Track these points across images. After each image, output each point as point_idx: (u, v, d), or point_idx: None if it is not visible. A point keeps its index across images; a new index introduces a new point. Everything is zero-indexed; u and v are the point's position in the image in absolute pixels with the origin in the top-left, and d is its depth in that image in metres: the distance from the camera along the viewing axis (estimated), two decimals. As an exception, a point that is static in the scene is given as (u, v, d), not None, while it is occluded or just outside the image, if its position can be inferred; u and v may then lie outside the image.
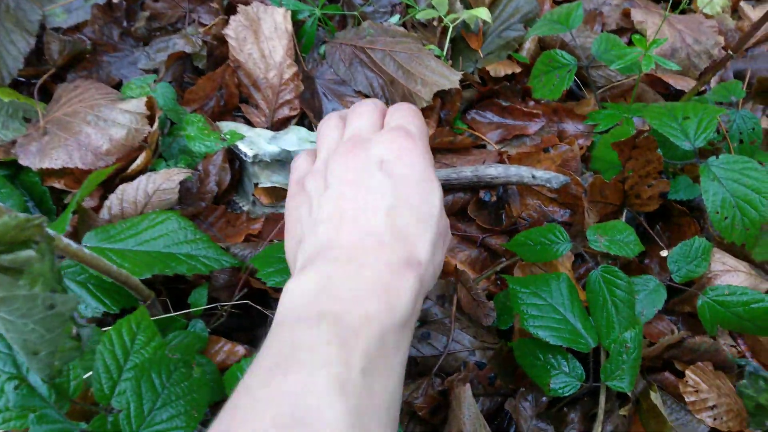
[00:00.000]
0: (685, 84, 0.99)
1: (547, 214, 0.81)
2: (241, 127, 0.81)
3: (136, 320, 0.58)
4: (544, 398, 0.68)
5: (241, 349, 0.70)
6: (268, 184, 0.78)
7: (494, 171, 0.78)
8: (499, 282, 0.78)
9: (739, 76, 1.04)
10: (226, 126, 0.81)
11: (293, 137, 0.79)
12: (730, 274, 0.74)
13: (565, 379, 0.64)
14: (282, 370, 0.38)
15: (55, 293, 0.36)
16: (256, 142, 0.78)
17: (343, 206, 0.50)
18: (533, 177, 0.77)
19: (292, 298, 0.44)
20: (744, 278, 0.74)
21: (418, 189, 0.51)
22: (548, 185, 0.76)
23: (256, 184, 0.79)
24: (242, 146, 0.77)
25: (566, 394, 0.64)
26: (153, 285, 0.68)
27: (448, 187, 0.82)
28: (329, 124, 0.60)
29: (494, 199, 0.82)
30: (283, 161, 0.79)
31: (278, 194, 0.80)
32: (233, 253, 0.74)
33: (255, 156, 0.76)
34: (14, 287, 0.35)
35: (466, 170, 0.79)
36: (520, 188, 0.82)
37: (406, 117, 0.56)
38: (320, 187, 0.53)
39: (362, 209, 0.49)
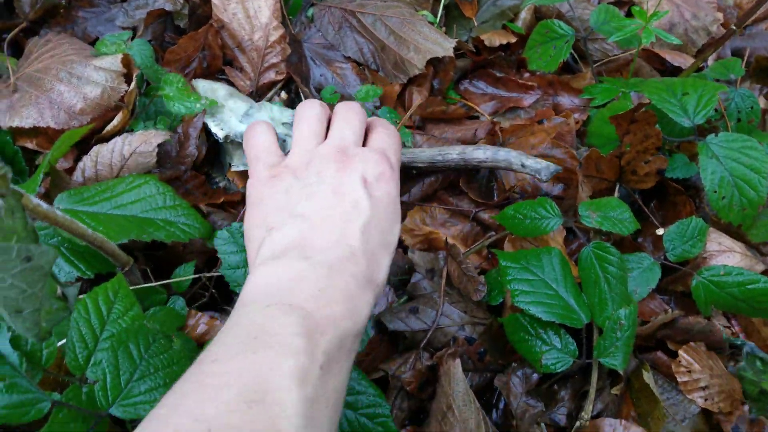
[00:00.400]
0: (682, 60, 0.97)
1: (540, 187, 0.78)
2: (220, 89, 0.77)
3: (113, 288, 0.55)
4: (534, 375, 0.66)
5: (219, 323, 0.67)
6: (241, 168, 0.74)
7: (482, 155, 0.74)
8: (490, 257, 0.75)
9: (736, 54, 1.03)
10: (203, 86, 0.76)
11: (265, 116, 0.75)
12: (725, 255, 0.73)
13: (557, 355, 0.63)
14: (252, 349, 0.40)
15: (31, 245, 0.33)
16: (227, 121, 0.73)
17: (325, 209, 0.53)
18: (522, 165, 0.73)
19: (264, 283, 0.46)
20: (739, 259, 0.73)
21: (388, 215, 0.55)
22: (537, 176, 0.72)
23: (230, 165, 0.75)
24: (213, 127, 0.72)
25: (558, 371, 0.62)
26: (131, 251, 0.65)
27: (432, 170, 0.78)
28: (311, 118, 0.61)
29: (484, 172, 0.79)
30: None
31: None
32: (213, 221, 0.70)
33: (226, 137, 0.72)
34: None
35: (452, 153, 0.75)
36: None
37: (388, 141, 0.60)
38: (300, 184, 0.55)
39: (342, 218, 0.52)
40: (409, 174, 0.79)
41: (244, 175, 0.75)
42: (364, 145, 0.61)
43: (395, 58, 0.85)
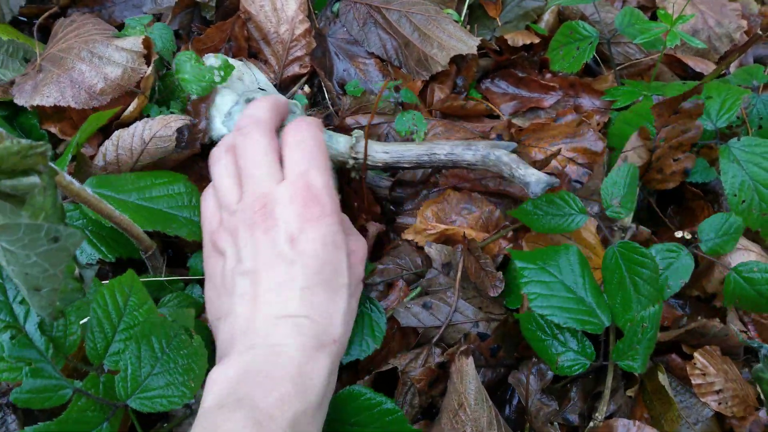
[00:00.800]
0: (704, 67, 0.97)
1: (563, 173, 0.77)
2: (235, 62, 0.76)
3: (127, 282, 0.55)
4: (549, 372, 0.66)
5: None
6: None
7: (471, 157, 0.69)
8: (511, 245, 0.74)
9: (759, 62, 1.02)
10: (212, 59, 0.75)
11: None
12: (740, 253, 0.73)
13: (573, 357, 0.62)
14: None
15: (60, 226, 0.34)
16: (212, 118, 0.72)
17: (258, 288, 0.52)
18: (511, 175, 0.67)
19: (215, 387, 0.47)
20: (755, 258, 0.73)
21: (328, 262, 0.53)
22: (526, 189, 0.66)
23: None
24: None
25: (574, 373, 0.62)
26: (151, 237, 0.66)
27: (417, 169, 0.76)
28: (221, 170, 0.59)
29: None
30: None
31: None
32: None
33: (210, 139, 0.71)
34: (16, 215, 0.32)
35: (440, 153, 0.70)
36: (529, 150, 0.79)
37: (303, 155, 0.57)
38: (233, 258, 0.55)
39: (276, 291, 0.51)
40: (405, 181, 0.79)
41: None
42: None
43: (419, 54, 0.86)
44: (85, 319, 0.54)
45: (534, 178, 0.65)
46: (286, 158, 0.57)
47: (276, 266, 0.52)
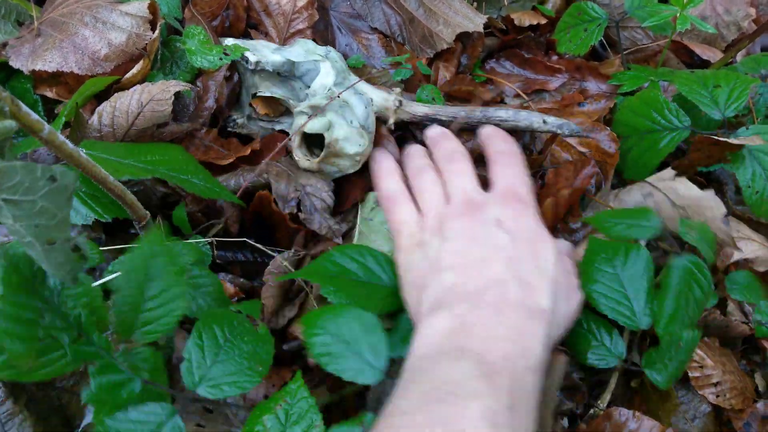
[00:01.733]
0: (711, 54, 0.95)
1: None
2: (246, 42, 0.75)
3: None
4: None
5: (231, 288, 0.65)
6: (268, 94, 0.72)
7: (504, 114, 0.73)
8: None
9: (766, 51, 1.01)
10: (230, 41, 0.75)
11: (300, 49, 0.74)
12: (743, 242, 0.72)
13: (604, 353, 0.61)
14: (435, 399, 0.41)
15: (53, 165, 0.33)
16: (259, 50, 0.72)
17: (466, 256, 0.54)
18: (544, 122, 0.72)
19: (430, 335, 0.47)
20: (756, 247, 0.72)
21: (533, 245, 0.55)
22: (558, 131, 0.72)
23: (254, 95, 0.73)
24: (245, 53, 0.72)
25: (600, 368, 0.61)
26: (149, 207, 0.64)
27: (451, 125, 0.76)
28: (426, 178, 0.64)
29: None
30: (286, 76, 0.74)
31: (276, 107, 0.75)
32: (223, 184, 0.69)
33: (257, 63, 0.70)
34: (9, 158, 0.31)
35: (476, 110, 0.74)
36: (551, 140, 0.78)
37: (514, 177, 0.62)
38: (438, 241, 0.57)
39: (484, 259, 0.53)
40: None
41: (268, 102, 0.74)
42: (486, 184, 0.63)
43: (423, 31, 0.84)
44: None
45: (563, 122, 0.71)
46: (494, 173, 0.63)
47: (483, 240, 0.55)
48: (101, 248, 0.60)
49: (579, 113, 0.79)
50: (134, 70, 0.67)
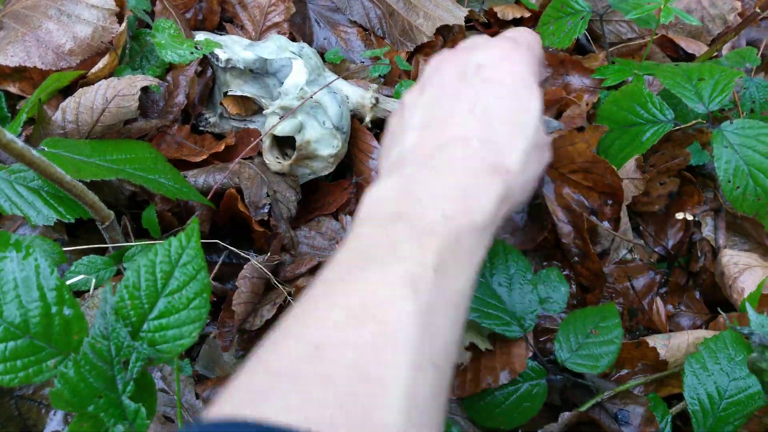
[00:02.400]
0: (697, 48, 0.94)
1: (586, 205, 0.72)
2: (216, 37, 0.73)
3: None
4: None
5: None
6: (238, 92, 0.70)
7: None
8: None
9: (751, 45, 1.00)
10: (201, 35, 0.73)
11: (272, 45, 0.71)
12: (747, 273, 0.70)
13: None
14: (359, 266, 0.39)
15: None
16: (230, 46, 0.70)
17: (434, 112, 0.50)
18: None
19: (372, 201, 0.45)
20: (761, 272, 0.70)
21: (515, 95, 0.49)
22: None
23: (225, 93, 0.71)
24: (215, 50, 0.69)
25: None
26: (115, 207, 0.62)
27: None
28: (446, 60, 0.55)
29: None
30: (257, 73, 0.71)
31: (248, 106, 0.72)
32: (190, 182, 0.67)
33: (228, 61, 0.68)
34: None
35: None
36: (553, 176, 0.72)
37: (521, 33, 0.54)
38: (414, 97, 0.52)
39: (452, 114, 0.49)
40: None
41: (239, 101, 0.72)
42: None
43: (403, 24, 0.82)
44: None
45: (544, 120, 0.63)
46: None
47: (454, 92, 0.50)
48: (63, 249, 0.58)
49: (580, 141, 0.73)
50: (100, 65, 0.65)
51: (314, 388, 0.31)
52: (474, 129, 0.47)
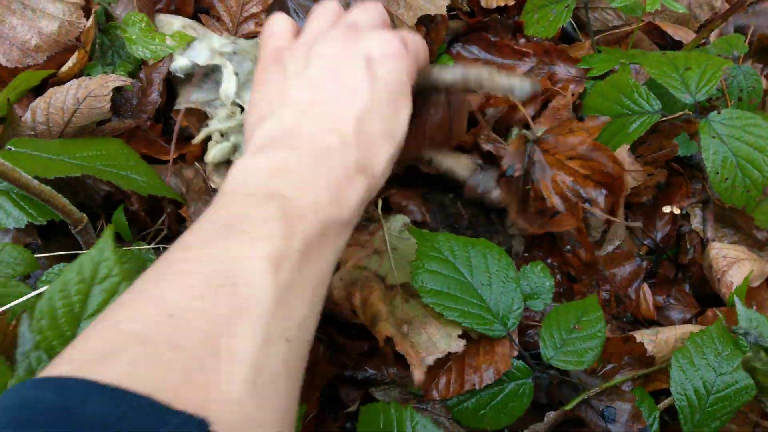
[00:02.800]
0: (684, 35, 0.93)
1: (581, 194, 0.71)
2: (175, 21, 0.69)
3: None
4: None
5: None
6: (185, 105, 0.66)
7: (451, 76, 0.61)
8: None
9: (739, 32, 0.98)
10: (159, 19, 0.69)
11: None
12: (735, 266, 0.70)
13: None
14: (224, 236, 0.39)
15: None
16: (204, 40, 0.67)
17: (317, 95, 0.49)
18: (494, 83, 0.60)
19: (244, 173, 0.44)
20: (749, 265, 0.69)
21: (393, 100, 0.50)
22: (510, 95, 0.60)
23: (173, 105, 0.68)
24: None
25: None
26: (89, 208, 0.60)
27: None
28: (328, 5, 0.57)
29: (519, 173, 0.71)
30: (206, 74, 0.68)
31: (199, 116, 0.68)
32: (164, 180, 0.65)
33: (167, 72, 0.66)
34: None
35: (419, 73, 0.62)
36: (549, 161, 0.69)
37: (411, 33, 0.55)
38: (299, 66, 0.51)
39: (335, 103, 0.49)
40: None
41: (188, 113, 0.68)
42: None
43: (384, 14, 0.80)
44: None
45: (518, 83, 0.60)
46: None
47: (342, 77, 0.50)
48: (36, 255, 0.56)
49: (579, 129, 0.72)
50: (70, 63, 0.63)
51: (163, 355, 0.31)
52: (354, 126, 0.48)
